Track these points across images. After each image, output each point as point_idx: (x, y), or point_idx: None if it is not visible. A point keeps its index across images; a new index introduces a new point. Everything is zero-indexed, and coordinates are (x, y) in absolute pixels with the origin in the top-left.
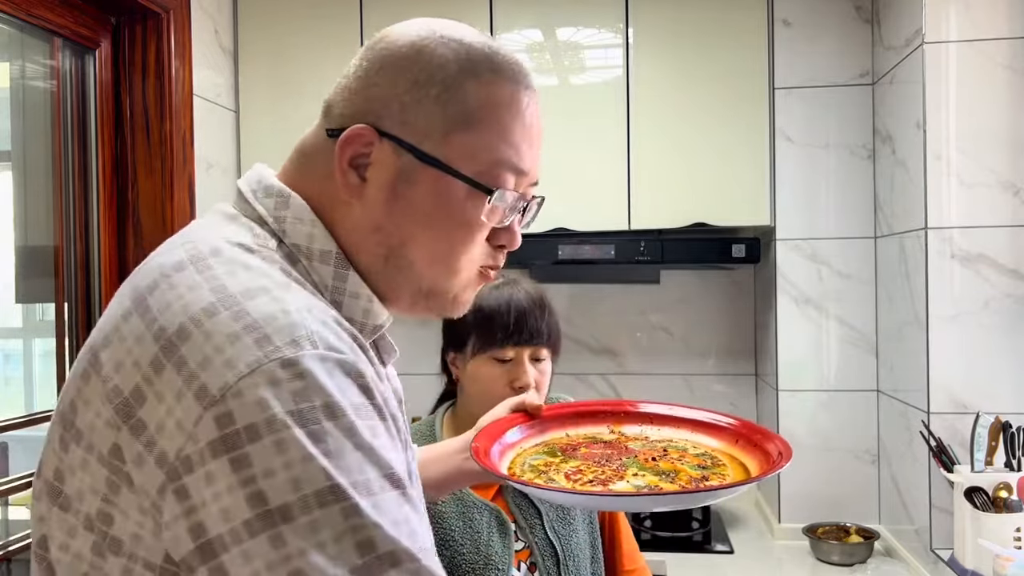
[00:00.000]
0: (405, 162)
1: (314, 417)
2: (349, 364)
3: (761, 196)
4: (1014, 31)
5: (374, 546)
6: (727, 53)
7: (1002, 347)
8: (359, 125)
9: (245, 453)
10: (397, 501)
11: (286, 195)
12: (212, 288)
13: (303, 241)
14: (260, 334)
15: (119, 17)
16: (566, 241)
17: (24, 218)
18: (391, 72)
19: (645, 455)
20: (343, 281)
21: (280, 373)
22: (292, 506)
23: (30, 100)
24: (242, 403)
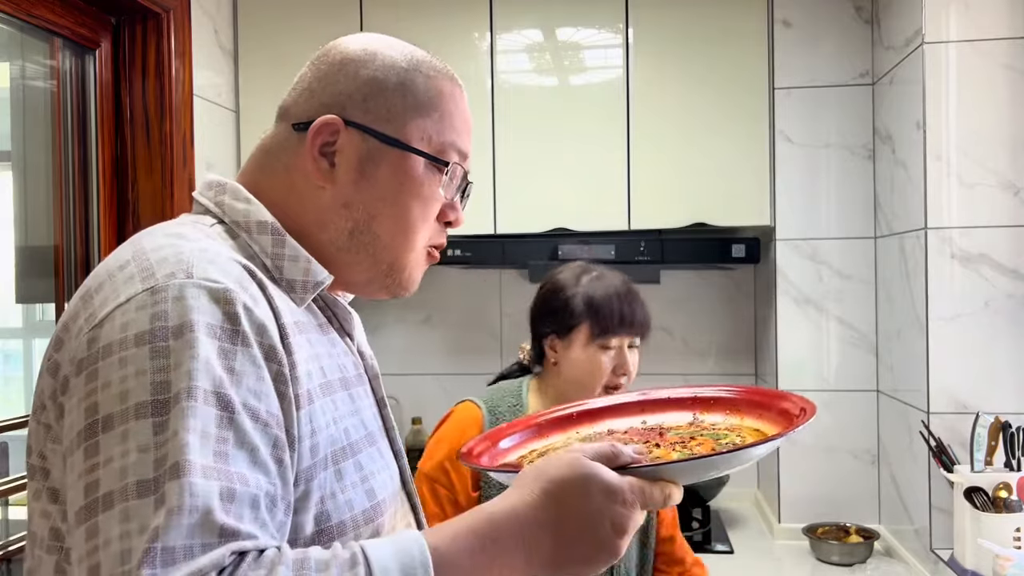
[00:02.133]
0: (370, 145)
1: (163, 335)
2: (219, 291)
3: (761, 196)
4: (1014, 31)
5: (166, 459)
6: (727, 53)
7: (1002, 347)
8: (327, 116)
9: (96, 368)
10: (218, 420)
11: (223, 183)
12: (133, 253)
13: (240, 217)
14: (148, 272)
15: (119, 17)
16: (566, 241)
17: (24, 218)
18: (351, 70)
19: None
20: (282, 247)
21: (147, 298)
22: (114, 416)
23: (30, 100)
24: (111, 326)
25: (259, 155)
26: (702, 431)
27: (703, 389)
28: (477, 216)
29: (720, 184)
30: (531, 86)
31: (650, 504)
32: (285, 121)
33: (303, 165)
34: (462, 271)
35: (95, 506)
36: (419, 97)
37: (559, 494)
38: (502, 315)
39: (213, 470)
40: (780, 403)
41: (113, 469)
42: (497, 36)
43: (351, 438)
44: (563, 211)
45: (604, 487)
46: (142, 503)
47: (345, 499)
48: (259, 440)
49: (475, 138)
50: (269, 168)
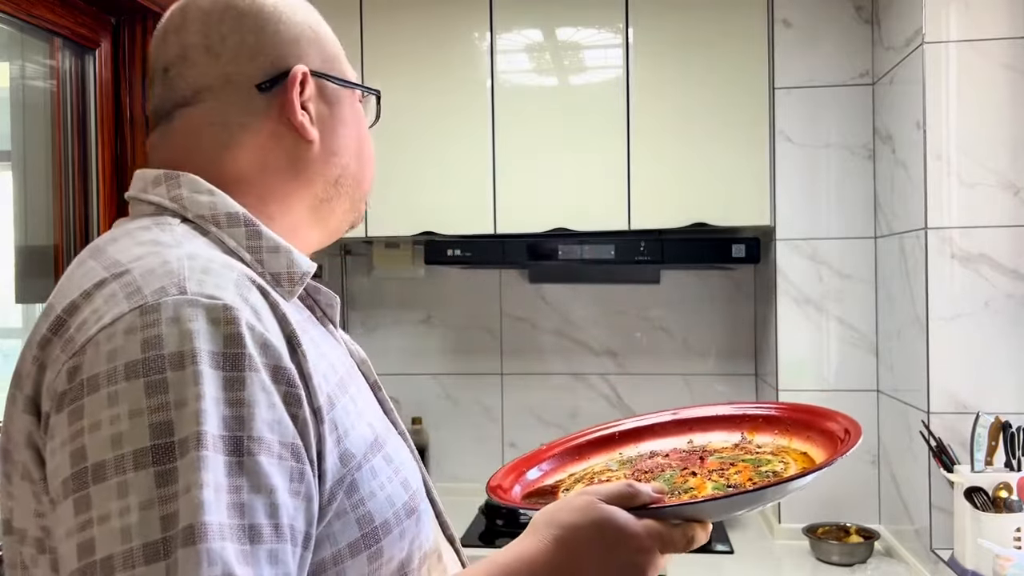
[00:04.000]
0: (330, 90)
1: (159, 366)
2: (217, 309)
3: (761, 196)
4: (1014, 31)
5: (177, 519)
6: (727, 53)
7: (1002, 347)
8: (298, 67)
9: (80, 405)
10: (230, 468)
11: (174, 175)
12: (105, 266)
13: (205, 210)
14: (133, 288)
15: (119, 17)
16: (566, 241)
17: (24, 218)
18: (284, 17)
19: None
20: (258, 238)
21: (137, 320)
22: (106, 465)
23: (30, 100)
24: (95, 353)
25: (187, 142)
26: (745, 455)
27: (752, 407)
28: (477, 216)
29: (720, 184)
30: (531, 86)
31: (671, 548)
32: (225, 89)
33: (274, 125)
34: (462, 271)
35: (92, 570)
36: (329, 38)
37: (572, 541)
38: (502, 315)
39: (229, 528)
40: (825, 423)
41: (112, 529)
42: (497, 36)
43: (376, 431)
44: (563, 211)
45: (620, 533)
46: (151, 570)
47: (385, 496)
48: (277, 479)
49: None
50: (231, 145)
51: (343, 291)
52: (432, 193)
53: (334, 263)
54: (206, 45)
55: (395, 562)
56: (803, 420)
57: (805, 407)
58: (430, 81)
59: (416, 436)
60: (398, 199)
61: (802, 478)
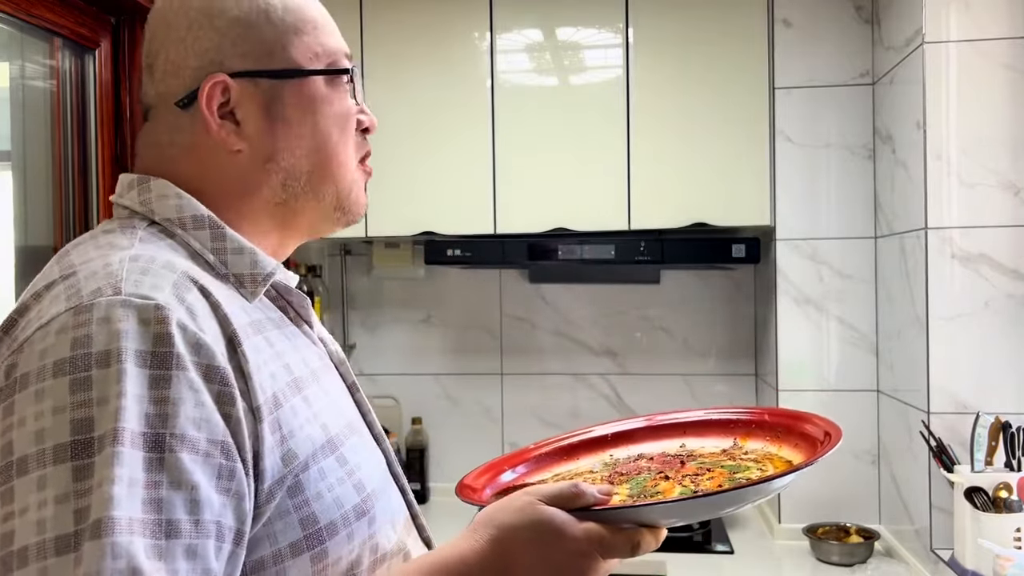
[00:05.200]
0: (264, 87)
1: (84, 364)
2: (148, 309)
3: (761, 196)
4: (1014, 31)
5: (88, 513)
6: (727, 53)
7: (1002, 347)
8: (212, 76)
9: (12, 402)
10: (148, 464)
11: (144, 180)
12: (61, 268)
13: (172, 213)
14: (74, 290)
15: (119, 17)
16: (566, 241)
17: (24, 218)
18: (206, 23)
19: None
20: (222, 240)
21: (69, 320)
22: (29, 459)
23: (30, 100)
24: (30, 352)
25: (149, 154)
26: (727, 461)
27: (744, 412)
28: (477, 216)
29: (720, 184)
30: (531, 86)
31: (613, 553)
32: (161, 107)
33: (204, 140)
34: (462, 271)
35: (10, 560)
36: (286, 17)
37: (507, 541)
38: (502, 315)
39: (141, 523)
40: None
41: (29, 521)
42: (497, 36)
43: (330, 432)
44: (563, 211)
45: (557, 534)
46: (60, 562)
47: (332, 498)
48: (200, 475)
49: (475, 138)
50: (168, 159)
51: (343, 291)
52: (432, 193)
53: (334, 263)
54: (148, 64)
55: (343, 563)
56: (787, 426)
57: (788, 412)
58: (430, 81)
59: (416, 436)
60: (398, 199)
61: (755, 486)
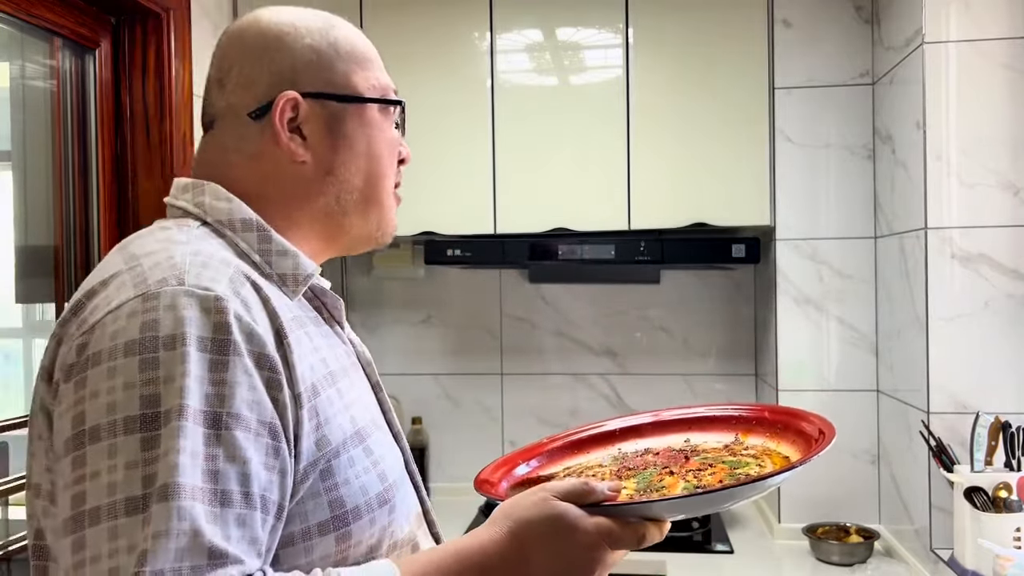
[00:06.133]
0: (330, 109)
1: (152, 346)
2: (209, 299)
3: (761, 196)
4: (1014, 31)
5: (155, 478)
6: (727, 53)
7: (1002, 347)
8: (285, 93)
9: (84, 376)
10: (208, 439)
11: (200, 184)
12: (124, 259)
13: (224, 216)
14: (140, 278)
15: (119, 17)
16: (566, 241)
17: (24, 218)
18: (284, 45)
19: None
20: (268, 242)
21: (139, 305)
22: (100, 428)
23: (30, 100)
24: (101, 333)
25: (209, 159)
26: (728, 456)
27: (746, 409)
28: (477, 216)
29: (720, 184)
30: (531, 86)
31: (621, 545)
32: (229, 117)
33: (270, 149)
34: (462, 271)
35: (82, 519)
36: (348, 49)
37: (525, 535)
38: (502, 315)
39: (201, 491)
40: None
41: (100, 484)
42: (497, 36)
43: (358, 424)
44: (563, 211)
45: (570, 528)
46: (130, 521)
47: (359, 484)
48: (251, 452)
49: (475, 138)
50: (228, 164)
51: (343, 291)
52: (432, 193)
53: (334, 263)
54: (218, 78)
55: (363, 546)
56: (783, 422)
57: (787, 410)
58: (430, 81)
59: (416, 436)
60: None
61: (751, 484)
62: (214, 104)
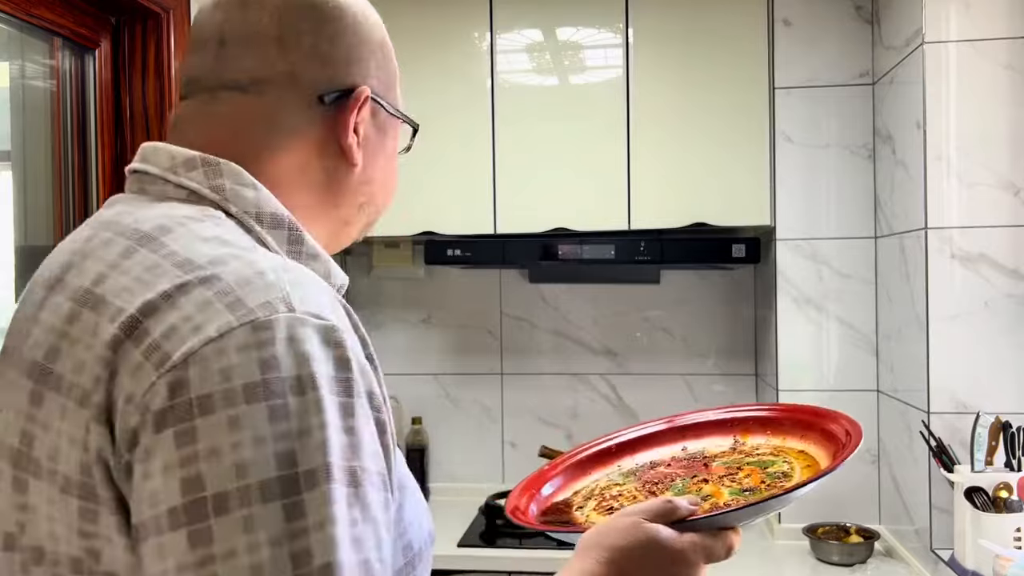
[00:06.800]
0: (381, 118)
1: (280, 390)
2: (328, 330)
3: (761, 196)
4: (1014, 31)
5: (311, 557)
6: (727, 53)
7: (1002, 347)
8: (363, 88)
9: (193, 427)
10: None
11: (214, 162)
12: (176, 263)
13: (251, 207)
14: (233, 298)
15: (119, 17)
16: (566, 241)
17: (24, 218)
18: (362, 31)
19: (711, 473)
20: (300, 244)
21: (249, 338)
22: (229, 496)
23: (30, 100)
24: (204, 369)
25: (247, 130)
26: (747, 458)
27: (739, 410)
28: (477, 216)
29: (720, 184)
30: (531, 86)
31: (713, 558)
32: (291, 89)
33: (325, 142)
34: (462, 271)
35: None
36: (394, 61)
37: (623, 563)
38: (502, 315)
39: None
40: (824, 423)
41: (239, 566)
42: (497, 36)
43: (398, 455)
44: (563, 211)
45: (666, 550)
46: None
47: (419, 523)
48: (379, 510)
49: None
50: (276, 147)
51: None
52: (432, 193)
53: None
54: (279, 36)
55: None
56: (797, 420)
57: (798, 407)
58: (430, 81)
59: (416, 436)
60: (398, 199)
61: (824, 476)
62: (265, 64)
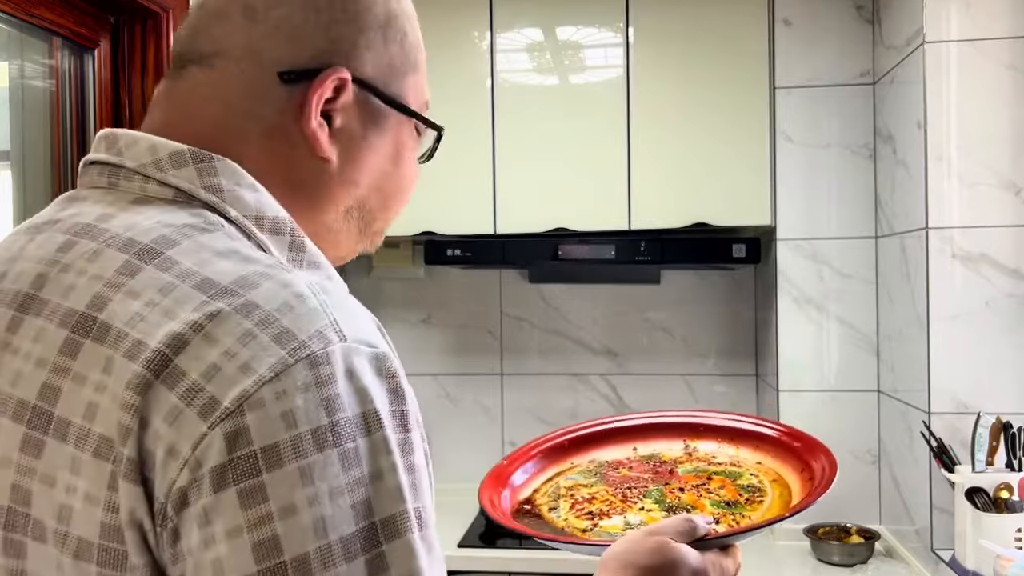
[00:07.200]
0: (373, 107)
1: (349, 433)
2: (381, 359)
3: (762, 196)
4: (1015, 30)
5: None
6: (727, 53)
7: (1003, 347)
8: (336, 68)
9: (261, 483)
10: (423, 543)
11: (207, 158)
12: (195, 285)
13: (251, 211)
14: (278, 328)
15: (118, 16)
16: (566, 241)
17: (23, 218)
18: (348, 7)
19: (682, 482)
20: (301, 251)
21: (308, 376)
22: (310, 559)
23: (29, 99)
24: (264, 416)
25: (214, 114)
26: (709, 466)
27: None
28: (477, 216)
29: (720, 184)
30: (531, 85)
31: (727, 575)
32: (250, 63)
33: (290, 129)
34: (462, 271)
35: None
36: (413, 49)
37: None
38: (502, 315)
39: None
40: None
41: None
42: (497, 35)
43: None
44: (563, 211)
45: (689, 569)
46: None
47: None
48: (439, 546)
49: (475, 138)
50: (239, 131)
51: None
52: (432, 193)
53: None
54: (246, 4)
55: None
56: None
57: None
58: (430, 80)
59: None
60: None
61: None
62: (227, 35)
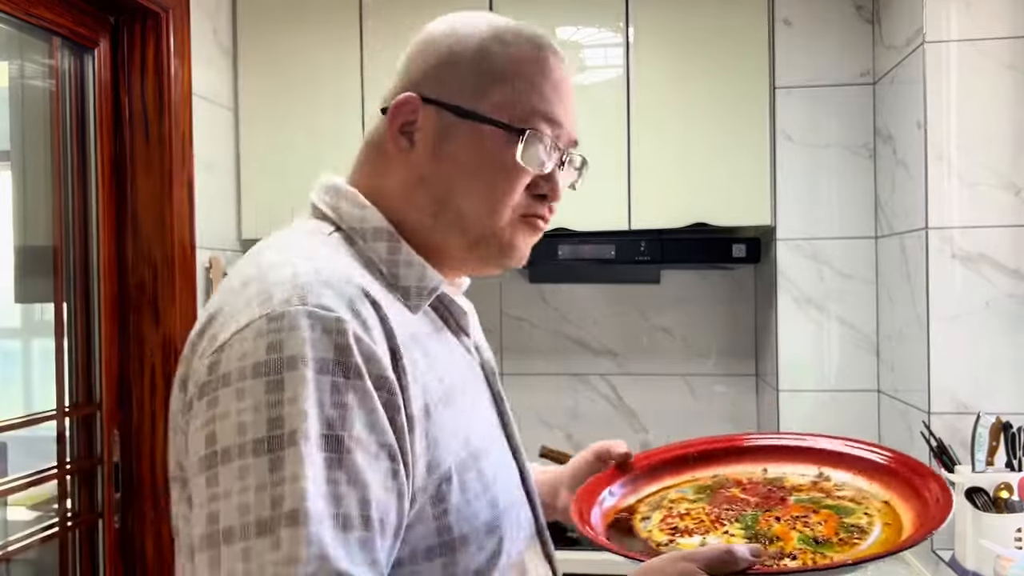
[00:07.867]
0: (446, 121)
1: (276, 367)
2: (331, 320)
3: (762, 196)
4: (1015, 30)
5: (283, 501)
6: (728, 53)
7: (1003, 347)
8: (405, 94)
9: (216, 396)
10: (330, 462)
11: (339, 187)
12: (257, 268)
13: (356, 223)
14: (266, 296)
15: (118, 16)
16: (566, 241)
17: (23, 218)
18: (427, 50)
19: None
20: (396, 253)
21: (264, 326)
22: (231, 450)
23: (29, 99)
24: (230, 353)
25: (363, 149)
26: (827, 498)
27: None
28: None
29: (721, 184)
30: None
31: None
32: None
33: (389, 150)
34: None
35: (216, 537)
36: (496, 66)
37: None
38: (502, 315)
39: (327, 516)
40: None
41: (232, 504)
42: None
43: (472, 446)
44: (563, 211)
45: None
46: (261, 543)
47: (470, 511)
48: (371, 475)
49: None
50: (371, 160)
51: None
52: None
53: None
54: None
55: (469, 572)
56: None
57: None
58: None
59: None
60: None
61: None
62: None
